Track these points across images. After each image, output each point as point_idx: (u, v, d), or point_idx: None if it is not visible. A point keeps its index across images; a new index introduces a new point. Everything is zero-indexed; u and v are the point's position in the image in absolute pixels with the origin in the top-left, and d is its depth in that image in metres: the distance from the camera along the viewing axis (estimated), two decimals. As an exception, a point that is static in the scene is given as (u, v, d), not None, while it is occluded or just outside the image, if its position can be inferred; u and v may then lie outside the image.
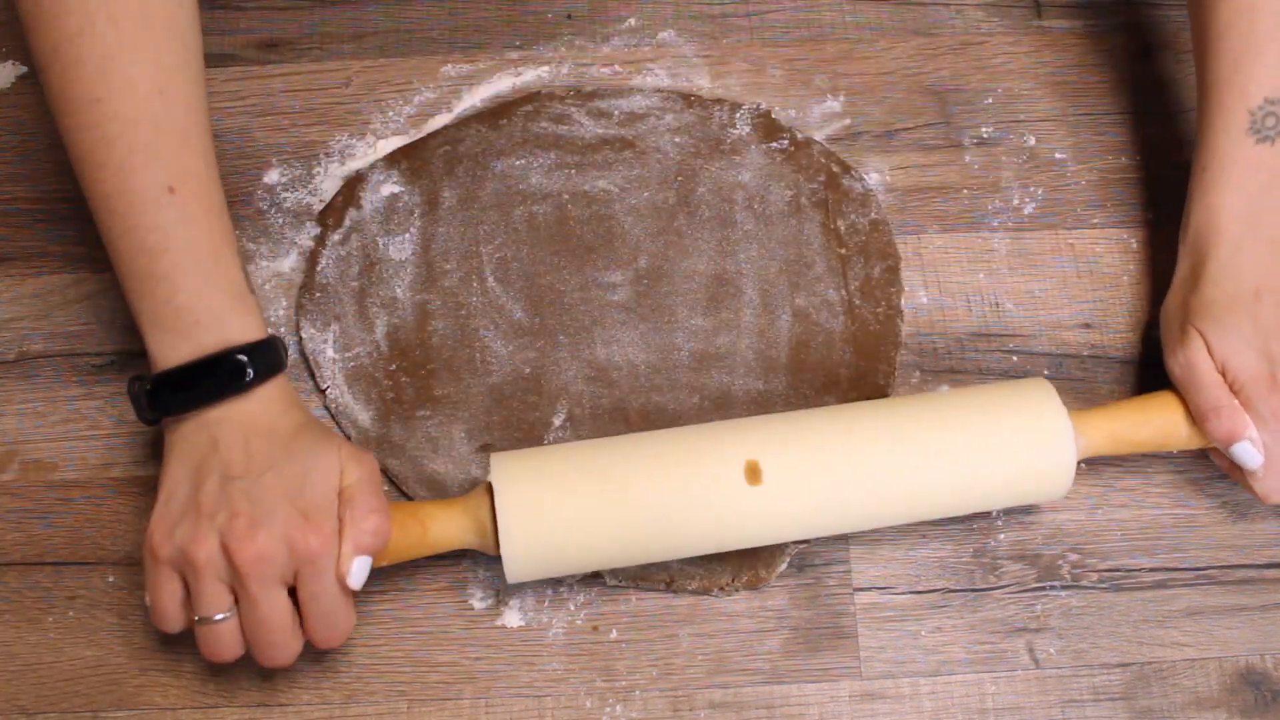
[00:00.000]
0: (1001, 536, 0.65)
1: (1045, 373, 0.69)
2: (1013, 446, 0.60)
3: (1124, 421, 0.62)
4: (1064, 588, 0.64)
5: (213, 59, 0.76)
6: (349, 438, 0.67)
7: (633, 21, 0.78)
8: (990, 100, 0.75)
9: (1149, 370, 0.69)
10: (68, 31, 0.55)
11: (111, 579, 0.65)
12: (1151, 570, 0.65)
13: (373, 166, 0.73)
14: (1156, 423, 0.62)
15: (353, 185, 0.72)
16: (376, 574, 0.64)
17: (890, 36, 0.77)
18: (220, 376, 0.56)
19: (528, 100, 0.74)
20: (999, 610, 0.64)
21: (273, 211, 0.72)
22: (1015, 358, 0.69)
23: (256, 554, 0.53)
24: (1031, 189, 0.73)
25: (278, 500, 0.54)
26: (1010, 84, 0.76)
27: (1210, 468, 0.67)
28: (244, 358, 0.56)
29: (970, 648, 0.63)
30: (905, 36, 0.77)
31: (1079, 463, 0.61)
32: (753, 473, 0.58)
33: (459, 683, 0.63)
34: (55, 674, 0.63)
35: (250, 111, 0.75)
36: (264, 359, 0.57)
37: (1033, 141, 0.74)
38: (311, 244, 0.71)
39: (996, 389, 0.62)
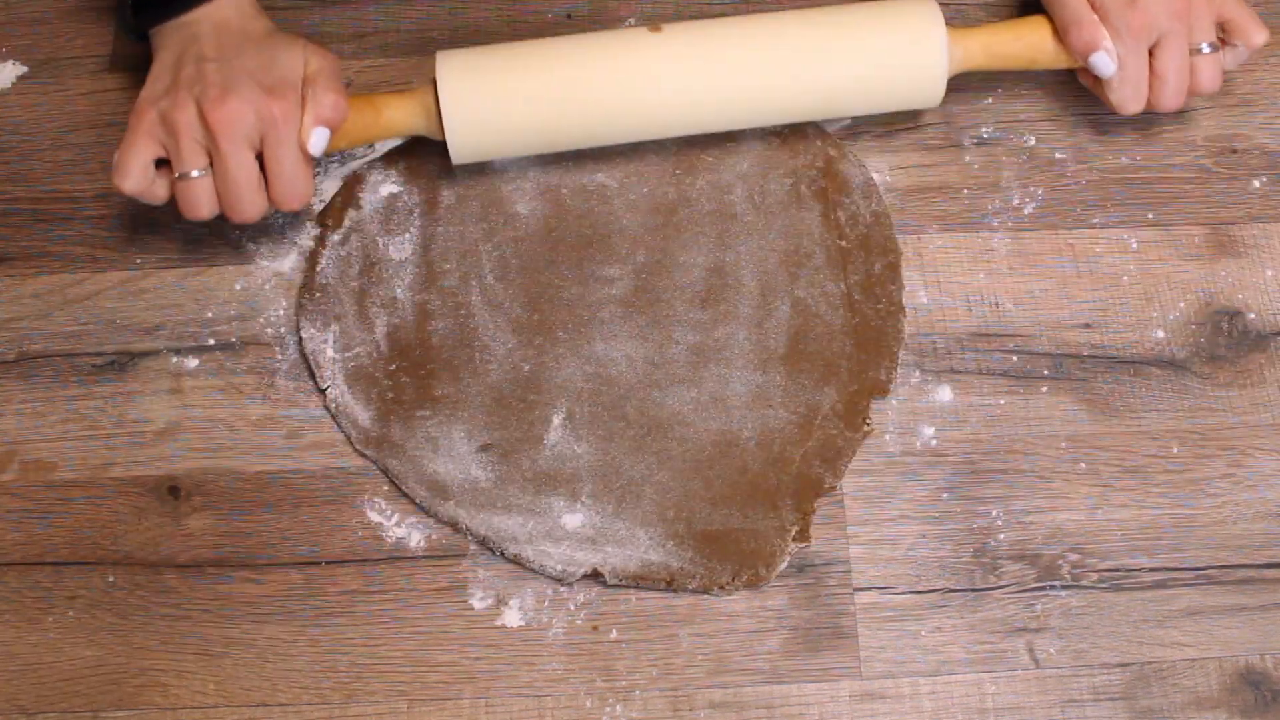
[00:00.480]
0: (1001, 536, 0.65)
1: (1045, 372, 0.69)
2: (889, 47, 0.68)
3: (997, 37, 0.69)
4: (1064, 588, 0.64)
5: (213, 59, 0.76)
6: (349, 438, 0.67)
7: (632, 21, 0.78)
8: (990, 100, 0.75)
9: (1149, 370, 0.69)
10: None
11: (111, 579, 0.65)
12: (1151, 570, 0.65)
13: (371, 166, 0.73)
14: (1027, 39, 0.69)
15: (351, 185, 0.72)
16: (375, 573, 0.64)
17: (890, 36, 0.77)
18: None
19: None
20: (999, 610, 0.64)
21: (272, 211, 0.72)
22: (1015, 358, 0.69)
23: (227, 114, 0.61)
24: (1031, 189, 0.73)
25: (247, 76, 0.62)
26: (1010, 84, 0.76)
27: (1209, 466, 0.67)
28: None
29: (970, 648, 0.63)
30: (905, 36, 0.77)
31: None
32: (654, 28, 0.68)
33: (459, 683, 0.63)
34: (55, 674, 0.63)
35: (250, 111, 0.75)
36: None
37: (1033, 141, 0.74)
38: (311, 244, 0.71)
39: (890, 3, 0.69)
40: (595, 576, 0.64)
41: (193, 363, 0.69)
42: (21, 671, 0.63)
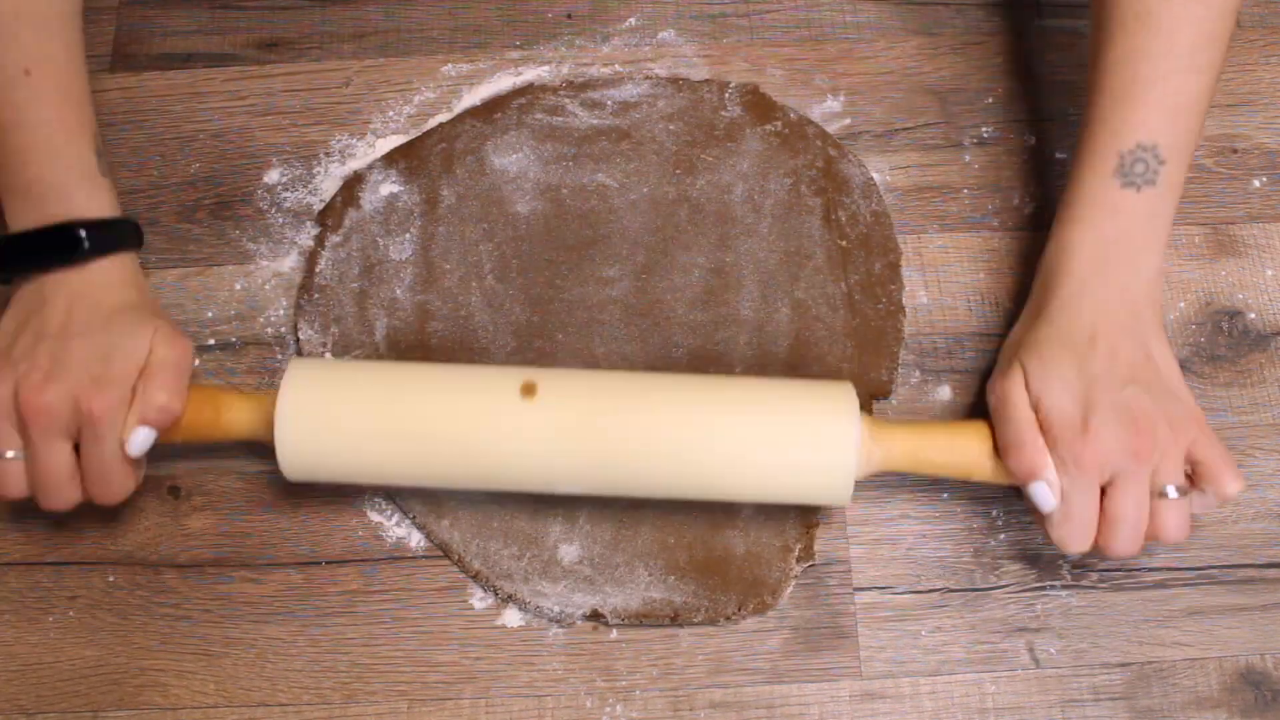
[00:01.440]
0: (1001, 536, 0.65)
1: (1045, 373, 0.69)
2: (792, 443, 0.58)
3: (928, 441, 0.60)
4: (1064, 588, 0.64)
5: (213, 59, 0.76)
6: None
7: (633, 21, 0.78)
8: (990, 100, 0.75)
9: (1149, 370, 0.69)
10: None
11: (111, 579, 0.65)
12: (1151, 570, 0.65)
13: (371, 166, 0.73)
14: (961, 449, 0.60)
15: (351, 185, 0.72)
16: (375, 572, 0.64)
17: (890, 36, 0.77)
18: (57, 245, 0.61)
19: (521, 94, 0.74)
20: (999, 610, 0.64)
21: (273, 211, 0.72)
22: (1015, 358, 0.69)
23: (41, 405, 0.57)
24: (1031, 189, 0.73)
25: (78, 363, 0.58)
26: (1010, 84, 0.76)
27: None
28: (81, 231, 0.61)
29: (970, 648, 0.63)
30: (905, 36, 0.77)
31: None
32: (529, 390, 0.59)
33: (459, 683, 0.63)
34: (55, 674, 0.63)
35: (250, 111, 0.75)
36: (105, 236, 0.62)
37: (1033, 141, 0.74)
38: (311, 244, 0.71)
39: (807, 385, 0.61)
40: (596, 618, 0.64)
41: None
42: (21, 671, 0.63)
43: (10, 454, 0.58)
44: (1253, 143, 0.74)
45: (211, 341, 0.70)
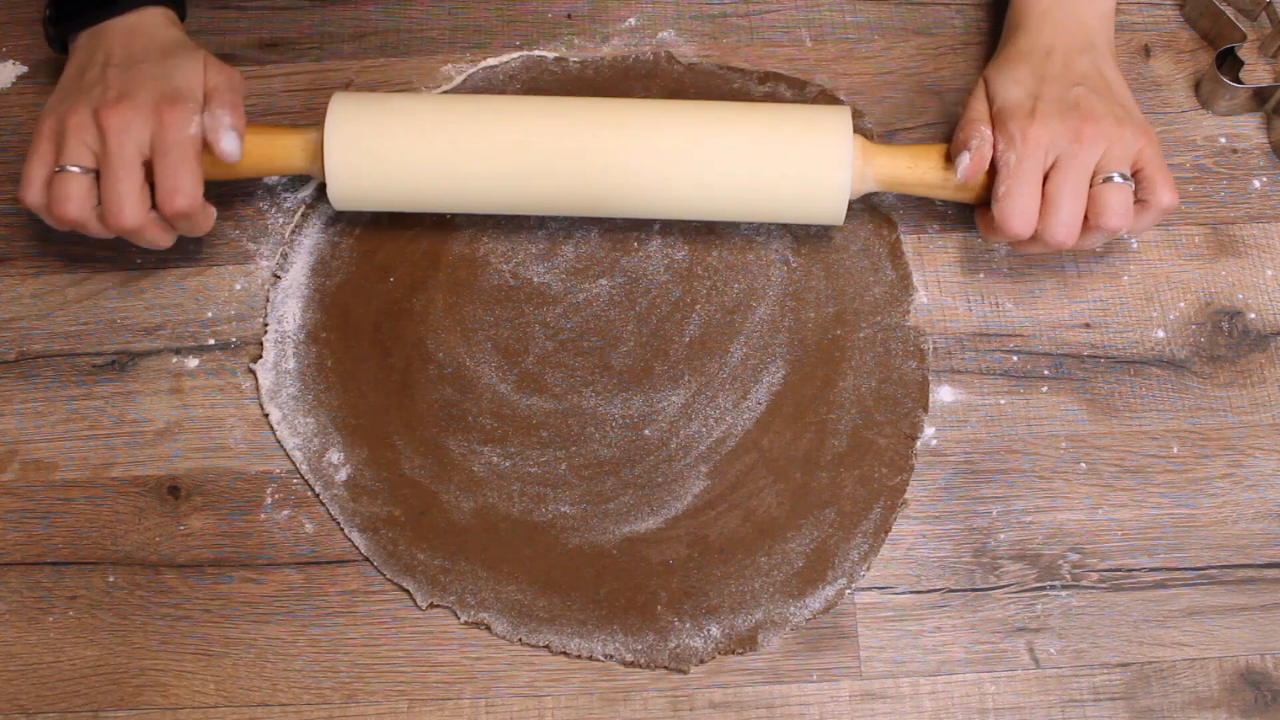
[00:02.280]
0: (1001, 536, 0.65)
1: (1045, 372, 0.69)
2: (791, 159, 0.64)
3: (901, 160, 0.65)
4: (1064, 588, 0.64)
5: (213, 59, 0.76)
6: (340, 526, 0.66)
7: (633, 21, 0.78)
8: (990, 100, 0.75)
9: (1149, 370, 0.69)
10: None
11: (111, 579, 0.65)
12: (1151, 570, 0.65)
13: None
14: (924, 162, 0.65)
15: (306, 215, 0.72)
16: (375, 572, 0.64)
17: (890, 36, 0.77)
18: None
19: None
20: (999, 610, 0.64)
21: (273, 211, 0.72)
22: (1015, 358, 0.69)
23: (118, 117, 0.61)
24: (1031, 189, 0.73)
25: (146, 83, 0.62)
26: (1010, 84, 0.76)
27: (1209, 466, 0.67)
28: None
29: (970, 648, 0.63)
30: (905, 36, 0.77)
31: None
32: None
33: (459, 683, 0.63)
34: (55, 674, 0.63)
35: (250, 111, 0.75)
36: None
37: (1033, 141, 0.74)
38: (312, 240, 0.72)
39: (804, 108, 0.67)
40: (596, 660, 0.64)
41: (193, 363, 0.69)
42: (21, 671, 0.63)
43: (75, 168, 0.61)
44: (1253, 143, 0.74)
45: (211, 341, 0.70)
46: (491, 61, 0.76)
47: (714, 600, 0.63)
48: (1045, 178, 0.62)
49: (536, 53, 0.76)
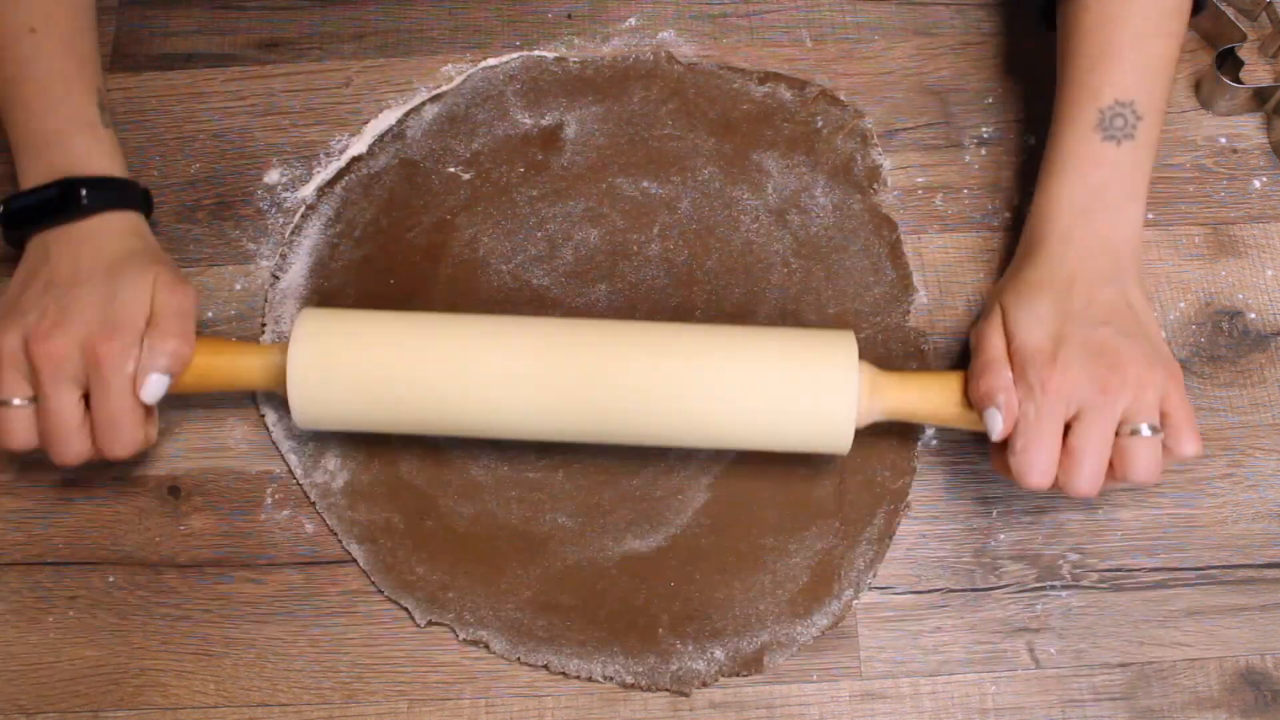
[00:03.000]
0: (1001, 536, 0.65)
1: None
2: (795, 390, 0.59)
3: (911, 391, 0.61)
4: (1064, 588, 0.64)
5: (213, 59, 0.76)
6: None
7: (633, 21, 0.78)
8: (990, 100, 0.75)
9: (1149, 370, 0.69)
10: None
11: (111, 579, 0.65)
12: (1151, 570, 0.65)
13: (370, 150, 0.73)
14: (937, 395, 0.61)
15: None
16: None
17: (890, 36, 0.77)
18: (58, 201, 0.62)
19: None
20: (999, 610, 0.64)
21: (273, 211, 0.72)
22: (1015, 358, 0.69)
23: (49, 350, 0.57)
24: (1031, 189, 0.73)
25: (85, 309, 0.59)
26: (1010, 84, 0.76)
27: (1210, 466, 0.67)
28: (83, 188, 0.62)
29: (970, 648, 0.63)
30: (905, 36, 0.77)
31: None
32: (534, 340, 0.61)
33: (459, 683, 0.63)
34: (55, 674, 0.63)
35: (250, 111, 0.75)
36: (105, 192, 0.63)
37: (1033, 141, 0.74)
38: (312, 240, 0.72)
39: (808, 333, 0.62)
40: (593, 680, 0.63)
41: (193, 363, 0.69)
42: (21, 671, 0.63)
43: (17, 401, 0.58)
44: (1253, 143, 0.74)
45: (211, 341, 0.70)
46: (491, 62, 0.76)
47: (717, 623, 0.63)
48: (1067, 427, 0.58)
49: (536, 53, 0.76)
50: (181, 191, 0.73)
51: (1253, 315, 0.70)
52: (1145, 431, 0.57)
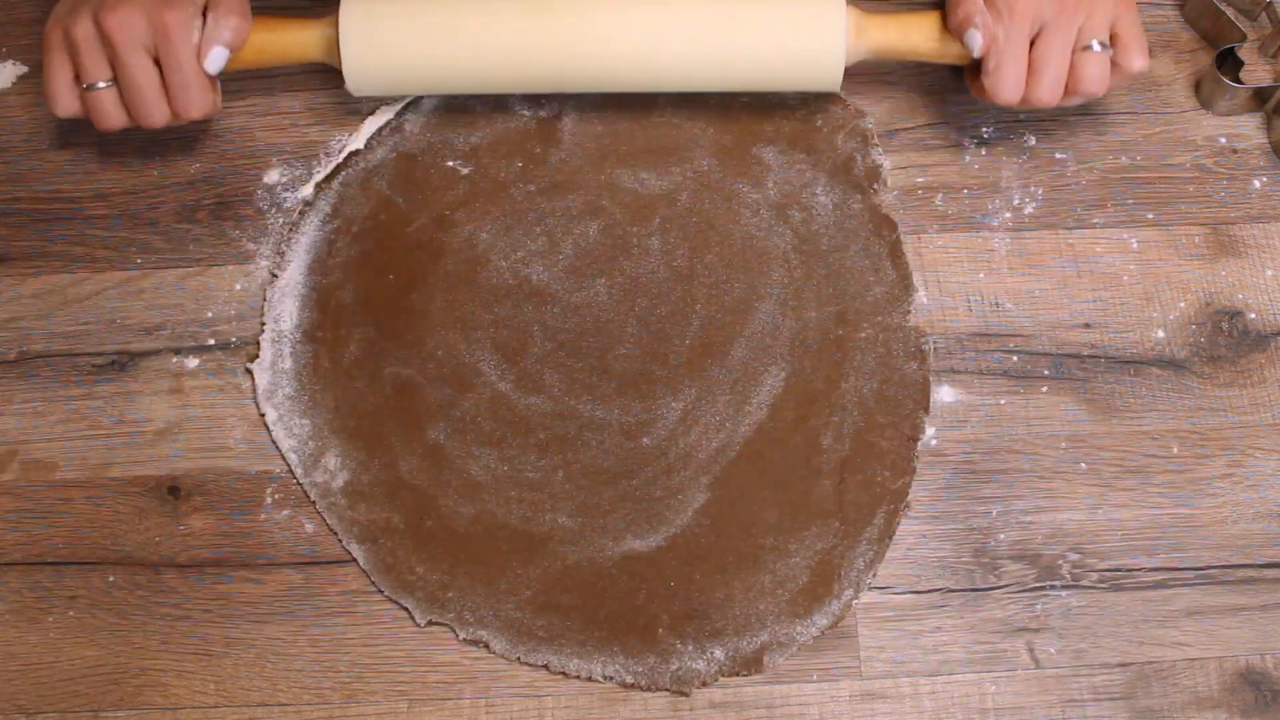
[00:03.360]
0: (1001, 536, 0.65)
1: (1045, 372, 0.69)
2: (787, 27, 0.67)
3: (891, 28, 0.68)
4: (1064, 588, 0.64)
5: (213, 59, 0.76)
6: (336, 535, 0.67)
7: None
8: (990, 100, 0.75)
9: (1149, 370, 0.69)
10: None
11: (111, 579, 0.65)
12: (1151, 570, 0.65)
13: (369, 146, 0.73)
14: (916, 29, 0.68)
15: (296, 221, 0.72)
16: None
17: (890, 36, 0.77)
18: None
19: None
20: (999, 610, 0.64)
21: (273, 211, 0.72)
22: (1015, 358, 0.69)
23: (118, 21, 0.62)
24: (1031, 189, 0.73)
25: None
26: (1010, 84, 0.76)
27: (1210, 466, 0.67)
28: None
29: (970, 648, 0.63)
30: (905, 36, 0.77)
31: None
32: None
33: (459, 683, 0.63)
34: (55, 674, 0.63)
35: (250, 111, 0.75)
36: None
37: (1033, 141, 0.74)
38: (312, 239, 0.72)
39: None
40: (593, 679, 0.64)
41: (193, 363, 0.69)
42: (21, 671, 0.63)
43: (102, 84, 0.64)
44: (1253, 143, 0.74)
45: (211, 341, 0.70)
46: None
47: (717, 623, 0.63)
48: (1031, 43, 0.66)
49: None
50: (181, 191, 0.73)
51: (1253, 315, 0.70)
52: (1095, 47, 0.66)
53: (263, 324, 0.69)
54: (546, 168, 0.72)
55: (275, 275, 0.70)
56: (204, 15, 0.64)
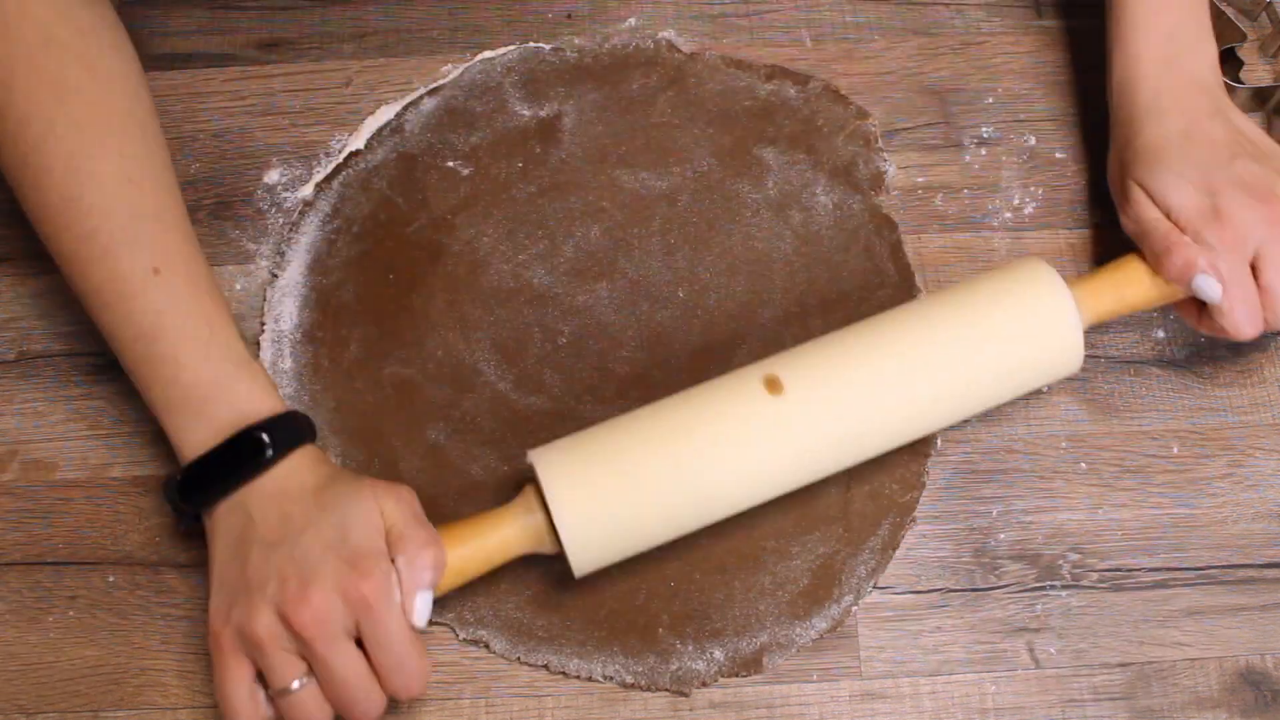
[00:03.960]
0: (1001, 536, 0.65)
1: (1045, 373, 0.69)
2: (1022, 330, 0.60)
3: (1101, 291, 0.62)
4: (1064, 588, 0.64)
5: (213, 59, 0.76)
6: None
7: (633, 22, 0.77)
8: (990, 100, 0.75)
9: (1149, 370, 0.69)
10: (31, 141, 0.57)
11: (111, 579, 0.65)
12: (1151, 570, 0.65)
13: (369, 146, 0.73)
14: (1124, 284, 0.63)
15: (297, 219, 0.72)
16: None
17: (890, 36, 0.77)
18: (243, 455, 0.56)
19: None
20: (999, 610, 0.64)
21: (273, 211, 0.72)
22: (1015, 358, 0.69)
23: (313, 614, 0.52)
24: (1031, 189, 0.73)
25: (323, 556, 0.53)
26: (1010, 84, 0.76)
27: (1210, 466, 0.67)
28: (263, 434, 0.56)
29: (970, 648, 0.63)
30: (905, 36, 0.77)
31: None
32: (772, 384, 0.58)
33: (459, 682, 0.63)
34: (55, 674, 0.63)
35: (250, 111, 0.75)
36: (284, 431, 0.57)
37: (1033, 141, 0.74)
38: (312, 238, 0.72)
39: (998, 276, 0.62)
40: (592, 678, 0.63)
41: (193, 363, 0.69)
42: (21, 671, 0.63)
43: (296, 685, 0.52)
44: (1253, 143, 0.74)
45: (211, 341, 0.69)
46: (488, 54, 0.76)
47: (717, 623, 0.63)
48: (1253, 268, 0.61)
49: (533, 44, 0.76)
50: (181, 191, 0.73)
51: (1253, 315, 0.70)
52: None
53: (263, 324, 0.69)
54: (547, 168, 0.72)
55: (275, 275, 0.70)
56: (393, 562, 0.54)
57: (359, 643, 0.53)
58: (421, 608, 0.54)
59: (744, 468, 0.58)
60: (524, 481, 0.59)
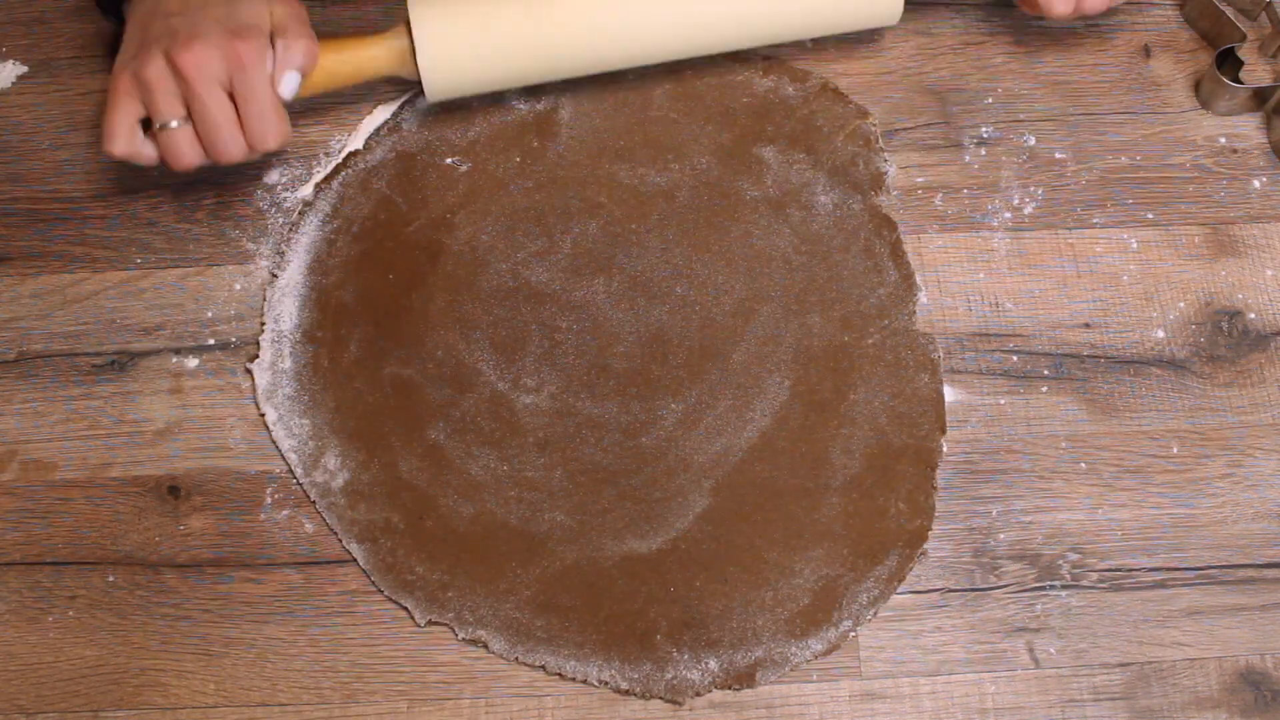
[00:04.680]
0: (1001, 536, 0.65)
1: (1045, 372, 0.69)
2: None
3: None
4: (1064, 588, 0.64)
5: (212, 59, 0.76)
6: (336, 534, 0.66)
7: None
8: (990, 100, 0.75)
9: (1149, 370, 0.69)
10: None
11: (111, 579, 0.65)
12: (1151, 570, 0.65)
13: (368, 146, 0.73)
14: None
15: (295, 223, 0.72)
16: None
17: (890, 36, 0.77)
18: None
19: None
20: (999, 610, 0.64)
21: (273, 211, 0.72)
22: (1015, 358, 0.69)
23: (194, 58, 0.61)
24: (1031, 189, 0.73)
25: (213, 23, 0.62)
26: (1010, 84, 0.76)
27: (1209, 466, 0.67)
28: None
29: (970, 648, 0.63)
30: (905, 36, 0.77)
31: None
32: None
33: (459, 683, 0.63)
34: (55, 674, 0.63)
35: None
36: None
37: (1033, 141, 0.74)
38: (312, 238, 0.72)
39: None
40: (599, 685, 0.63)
41: (193, 363, 0.69)
42: (21, 671, 0.63)
43: (175, 123, 0.62)
44: (1253, 143, 0.74)
45: (211, 341, 0.70)
46: None
47: (714, 634, 0.63)
48: None
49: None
50: (181, 191, 0.73)
51: (1253, 315, 0.70)
52: None
53: (262, 324, 0.69)
54: (544, 162, 0.72)
55: (275, 275, 0.70)
56: (273, 43, 0.64)
57: (233, 100, 0.62)
58: (289, 82, 0.64)
59: (593, 17, 0.67)
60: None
